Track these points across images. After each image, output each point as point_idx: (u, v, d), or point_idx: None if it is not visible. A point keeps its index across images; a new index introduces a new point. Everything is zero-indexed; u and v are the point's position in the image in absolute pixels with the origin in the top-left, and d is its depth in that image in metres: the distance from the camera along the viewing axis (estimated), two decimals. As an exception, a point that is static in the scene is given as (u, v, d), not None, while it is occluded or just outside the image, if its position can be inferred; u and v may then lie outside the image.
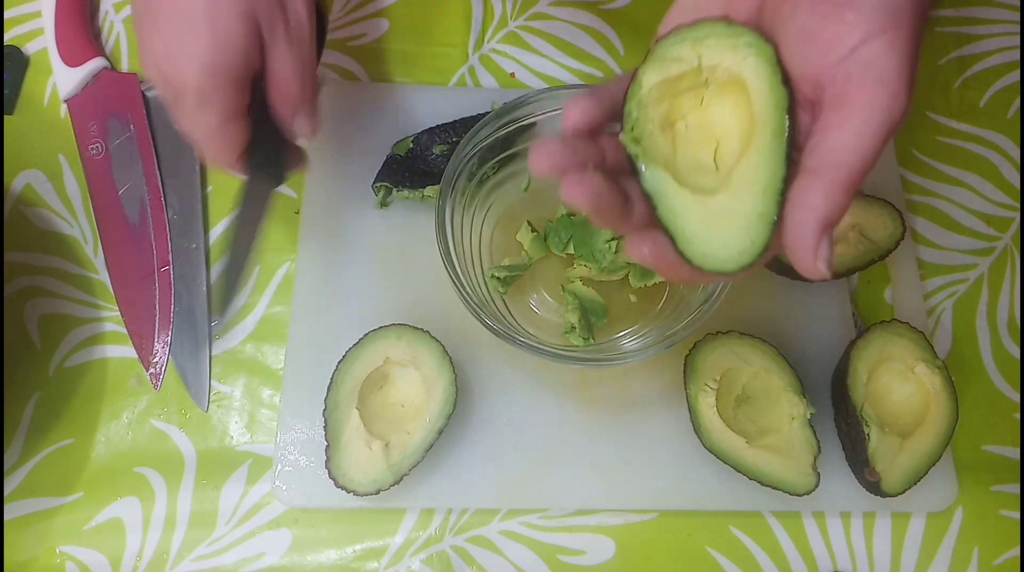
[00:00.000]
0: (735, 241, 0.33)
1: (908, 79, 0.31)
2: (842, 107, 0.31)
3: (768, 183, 0.32)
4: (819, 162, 0.31)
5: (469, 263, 0.50)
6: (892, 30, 0.31)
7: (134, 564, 0.48)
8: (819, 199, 0.31)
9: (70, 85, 0.57)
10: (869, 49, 0.31)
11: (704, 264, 0.33)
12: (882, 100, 0.31)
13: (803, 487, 0.48)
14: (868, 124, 0.31)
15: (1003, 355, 0.57)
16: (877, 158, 0.31)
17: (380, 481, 0.46)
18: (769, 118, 0.33)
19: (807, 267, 0.31)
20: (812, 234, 0.31)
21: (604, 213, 0.34)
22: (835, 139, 0.31)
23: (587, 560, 0.50)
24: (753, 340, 0.51)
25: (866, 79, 0.31)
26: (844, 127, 0.31)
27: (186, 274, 0.54)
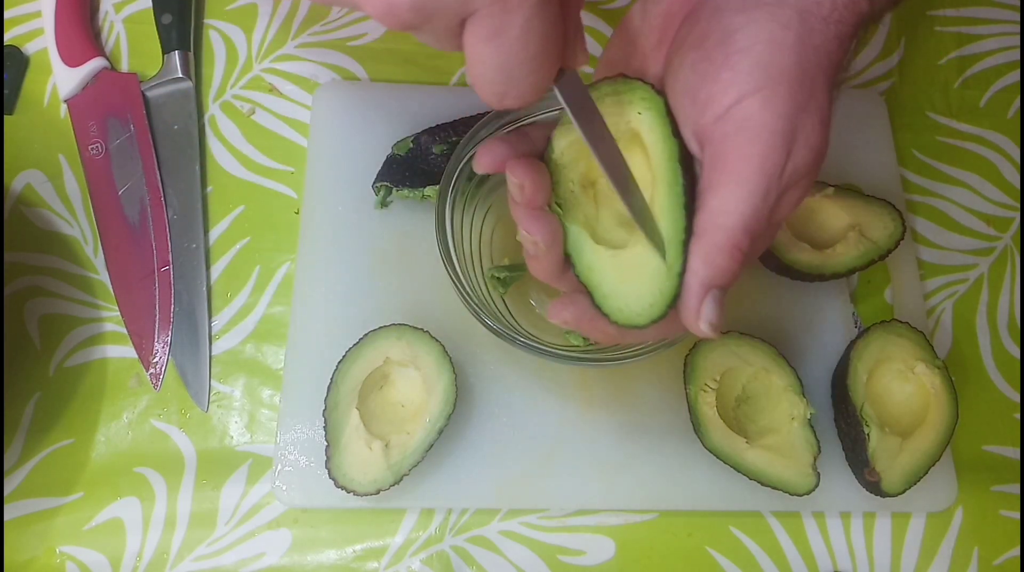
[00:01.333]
0: (645, 294, 0.33)
1: (784, 136, 0.30)
2: (718, 167, 0.31)
3: (671, 235, 0.32)
4: (700, 225, 0.31)
5: (469, 263, 0.50)
6: (768, 87, 0.30)
7: (134, 564, 0.48)
8: (699, 263, 0.31)
9: (70, 85, 0.57)
10: (743, 107, 0.30)
11: (619, 318, 0.34)
12: (755, 159, 0.30)
13: (803, 487, 0.48)
14: (743, 184, 0.30)
15: (1003, 355, 0.57)
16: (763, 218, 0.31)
17: (380, 481, 0.46)
18: (663, 170, 0.33)
19: (691, 328, 0.32)
20: (694, 296, 0.31)
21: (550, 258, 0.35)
22: (713, 201, 0.31)
23: (587, 560, 0.50)
24: (753, 340, 0.51)
25: (740, 137, 0.30)
26: (721, 188, 0.31)
27: (186, 274, 0.54)
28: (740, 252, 0.31)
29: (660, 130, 0.33)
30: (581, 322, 0.36)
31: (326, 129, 0.57)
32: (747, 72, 0.30)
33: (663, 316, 0.33)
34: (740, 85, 0.30)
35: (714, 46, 0.31)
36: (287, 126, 0.59)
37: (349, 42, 0.61)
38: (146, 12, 0.60)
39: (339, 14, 0.62)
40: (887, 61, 0.64)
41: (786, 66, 0.30)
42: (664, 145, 0.33)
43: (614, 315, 0.34)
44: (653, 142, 0.33)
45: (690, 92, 0.32)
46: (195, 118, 0.58)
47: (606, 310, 0.34)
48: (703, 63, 0.31)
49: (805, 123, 0.31)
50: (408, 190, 0.54)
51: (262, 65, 0.60)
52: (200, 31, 0.61)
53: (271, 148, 0.58)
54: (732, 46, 0.31)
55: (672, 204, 0.32)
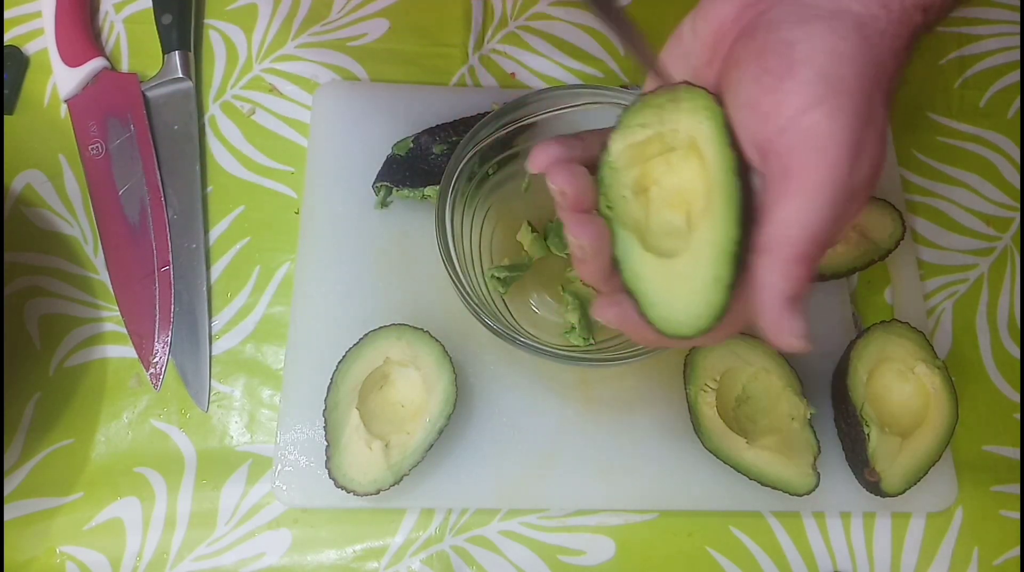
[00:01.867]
0: (693, 305, 0.33)
1: (850, 149, 0.30)
2: (784, 179, 0.31)
3: (723, 247, 0.32)
4: (768, 239, 0.31)
5: (469, 263, 0.50)
6: (832, 98, 0.30)
7: (134, 564, 0.48)
8: (775, 278, 0.31)
9: (70, 85, 0.57)
10: (809, 119, 0.30)
11: (665, 328, 0.33)
12: (822, 170, 0.30)
13: (803, 487, 0.48)
14: (811, 196, 0.30)
15: (1003, 355, 0.57)
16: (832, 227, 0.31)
17: (380, 481, 0.46)
18: (719, 181, 0.33)
19: (780, 344, 0.31)
20: (776, 312, 0.31)
21: (598, 262, 0.35)
22: (781, 214, 0.31)
23: (587, 560, 0.50)
24: (753, 340, 0.51)
25: (806, 149, 0.30)
26: (788, 201, 0.30)
27: (186, 274, 0.54)
28: (811, 261, 0.31)
29: (719, 140, 0.33)
30: (625, 324, 0.36)
31: (326, 129, 0.57)
32: (810, 83, 0.30)
33: (709, 329, 0.32)
34: (804, 95, 0.30)
35: (774, 59, 0.31)
36: (287, 126, 0.59)
37: (349, 42, 0.61)
38: (146, 12, 0.60)
39: (339, 14, 0.62)
40: (887, 61, 0.64)
41: (848, 78, 0.30)
42: (722, 156, 0.33)
43: (659, 324, 0.34)
44: (711, 153, 0.33)
45: (751, 104, 0.32)
46: (195, 118, 0.58)
47: (651, 318, 0.34)
48: (765, 76, 0.31)
49: (868, 135, 0.31)
50: (408, 190, 0.54)
51: (262, 65, 0.60)
52: (200, 31, 0.61)
53: (271, 148, 0.58)
54: (793, 57, 0.31)
55: (727, 215, 0.32)
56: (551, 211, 0.53)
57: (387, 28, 0.62)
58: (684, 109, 0.34)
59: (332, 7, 0.62)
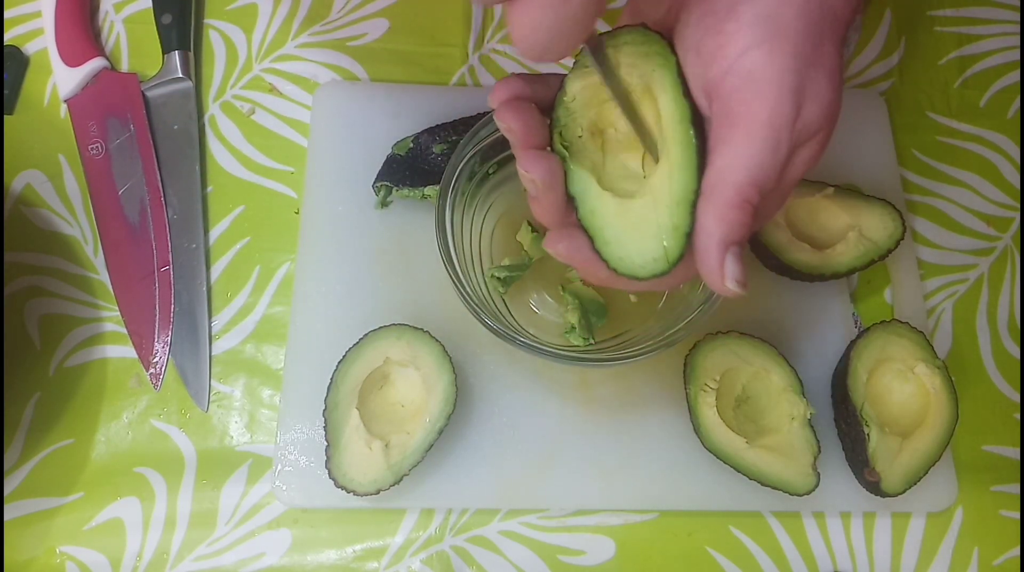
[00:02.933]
0: (649, 248, 0.33)
1: (792, 89, 0.30)
2: (725, 123, 0.31)
3: (681, 195, 0.32)
4: (708, 183, 0.31)
5: (469, 263, 0.50)
6: (773, 39, 0.30)
7: (134, 564, 0.48)
8: (712, 221, 0.31)
9: (70, 85, 0.57)
10: (748, 60, 0.30)
11: (619, 267, 0.33)
12: (762, 112, 0.30)
13: (803, 487, 0.48)
14: (751, 138, 0.30)
15: (1003, 355, 0.57)
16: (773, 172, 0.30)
17: (380, 481, 0.46)
18: (675, 131, 0.33)
19: (717, 288, 0.31)
20: (713, 256, 0.31)
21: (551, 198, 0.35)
22: (720, 159, 0.31)
23: (587, 560, 0.50)
24: (753, 340, 0.51)
25: (746, 91, 0.30)
26: (727, 145, 0.30)
27: (186, 274, 0.54)
28: (750, 205, 0.31)
29: (672, 90, 0.33)
30: (575, 258, 0.35)
31: (326, 129, 0.57)
32: (751, 24, 0.30)
33: (664, 273, 0.33)
34: (745, 37, 0.30)
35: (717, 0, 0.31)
36: (287, 126, 0.59)
37: (349, 42, 0.61)
38: (146, 12, 0.60)
39: (339, 14, 0.62)
40: (887, 61, 0.64)
41: (789, 18, 0.30)
42: (676, 106, 0.32)
43: (613, 262, 0.34)
44: (665, 102, 0.33)
45: (695, 46, 0.32)
46: (195, 118, 0.58)
47: (606, 256, 0.34)
48: (708, 16, 0.31)
49: (814, 77, 0.30)
50: (408, 190, 0.54)
51: (262, 65, 0.60)
52: (200, 31, 0.61)
53: (271, 148, 0.58)
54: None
55: (684, 165, 0.32)
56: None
57: (387, 28, 0.62)
58: (640, 52, 0.34)
59: (332, 7, 0.62)
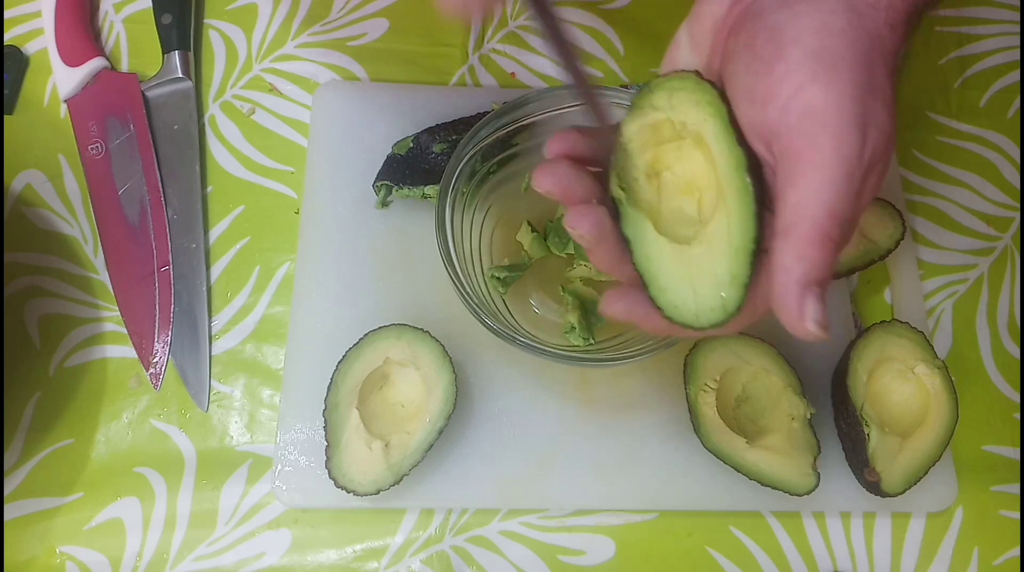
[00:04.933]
0: (707, 298, 0.32)
1: (854, 118, 0.29)
2: (792, 161, 0.30)
3: (740, 244, 0.32)
4: (784, 222, 0.30)
5: (469, 263, 0.50)
6: (826, 72, 0.30)
7: (134, 564, 0.48)
8: (792, 260, 0.30)
9: (70, 85, 0.57)
10: (806, 96, 0.30)
11: (674, 315, 0.33)
12: (829, 144, 0.29)
13: (803, 487, 0.48)
14: (822, 173, 0.29)
15: (1003, 355, 0.57)
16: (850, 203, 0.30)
17: (380, 481, 0.46)
18: (731, 178, 0.32)
19: (796, 330, 0.30)
20: (793, 297, 0.30)
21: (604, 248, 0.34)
22: (794, 196, 0.30)
23: (587, 560, 0.50)
24: (753, 340, 0.51)
25: (808, 126, 0.30)
26: (799, 182, 0.30)
27: (186, 274, 0.54)
28: (832, 242, 0.30)
29: (725, 138, 0.32)
30: (634, 314, 0.35)
31: (326, 129, 0.57)
32: (801, 61, 0.30)
33: (722, 323, 0.32)
34: (797, 74, 0.30)
35: (763, 44, 0.31)
36: (287, 126, 0.59)
37: (349, 42, 0.61)
38: (146, 12, 0.60)
39: (339, 14, 0.62)
40: (887, 61, 0.64)
41: (841, 50, 0.30)
42: (730, 153, 0.32)
43: (668, 310, 0.33)
44: (719, 151, 0.33)
45: (747, 94, 0.31)
46: (195, 118, 0.58)
47: (661, 304, 0.33)
48: (755, 63, 0.31)
49: (872, 106, 0.30)
50: (408, 189, 0.54)
51: (262, 65, 0.60)
52: (200, 31, 0.61)
53: (271, 148, 0.58)
54: (781, 39, 0.30)
55: (742, 213, 0.32)
56: (551, 211, 0.53)
57: (387, 28, 0.62)
58: (691, 101, 0.34)
59: (332, 7, 0.62)
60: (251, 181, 0.57)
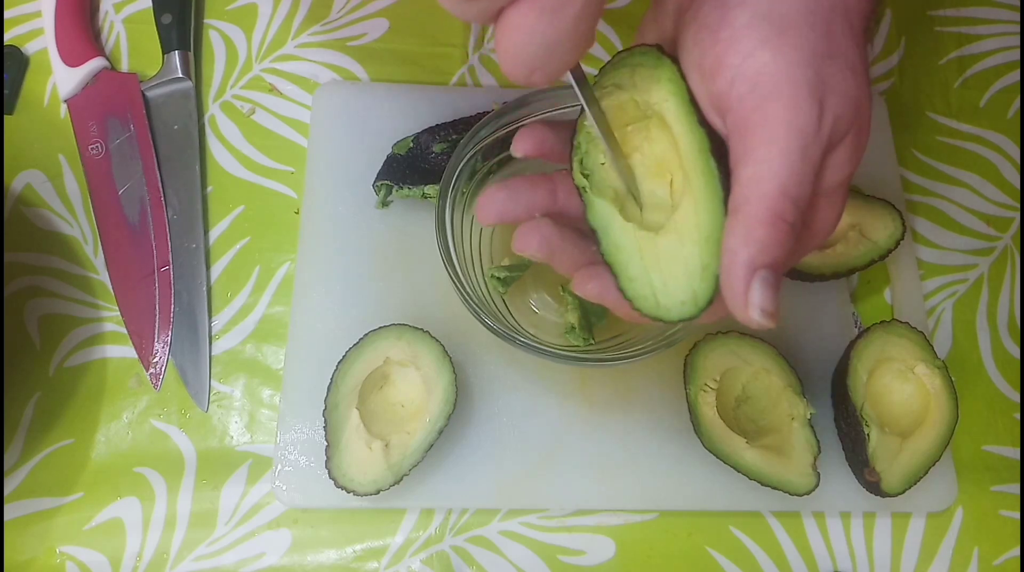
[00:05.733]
0: (678, 290, 0.30)
1: (808, 85, 0.27)
2: (743, 135, 0.28)
3: (708, 232, 0.29)
4: (735, 201, 0.28)
5: (469, 263, 0.50)
6: (776, 37, 0.27)
7: (134, 564, 0.48)
8: (738, 242, 0.27)
9: (70, 85, 0.57)
10: (752, 64, 0.27)
11: (643, 307, 0.31)
12: (779, 116, 0.27)
13: (803, 487, 0.48)
14: (772, 147, 0.27)
15: (1003, 355, 0.57)
16: (805, 180, 0.27)
17: (380, 481, 0.46)
18: (695, 161, 0.30)
19: (742, 318, 0.28)
20: (739, 281, 0.27)
21: (561, 258, 0.33)
22: (745, 172, 0.28)
23: (587, 560, 0.50)
24: (753, 340, 0.51)
25: (756, 98, 0.27)
26: (750, 157, 0.28)
27: (186, 274, 0.54)
28: (784, 222, 0.27)
29: (686, 119, 0.30)
30: (607, 297, 0.33)
31: (326, 129, 0.57)
32: (748, 25, 0.28)
33: (693, 317, 0.30)
34: (744, 40, 0.28)
35: (709, 11, 0.29)
36: (287, 126, 0.59)
37: (349, 42, 0.61)
38: (146, 12, 0.60)
39: (339, 14, 0.62)
40: (887, 61, 0.64)
41: (792, 13, 0.28)
42: (692, 135, 0.30)
43: (638, 302, 0.31)
44: (681, 133, 0.31)
45: (697, 67, 0.29)
46: (195, 118, 0.58)
47: (630, 296, 0.31)
48: (702, 32, 0.29)
49: (831, 71, 0.28)
50: (408, 189, 0.54)
51: (262, 65, 0.60)
52: (200, 31, 0.61)
53: (271, 148, 0.58)
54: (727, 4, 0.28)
55: (709, 198, 0.29)
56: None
57: (387, 28, 0.62)
58: (652, 77, 0.31)
59: (332, 7, 0.62)
60: (251, 181, 0.57)
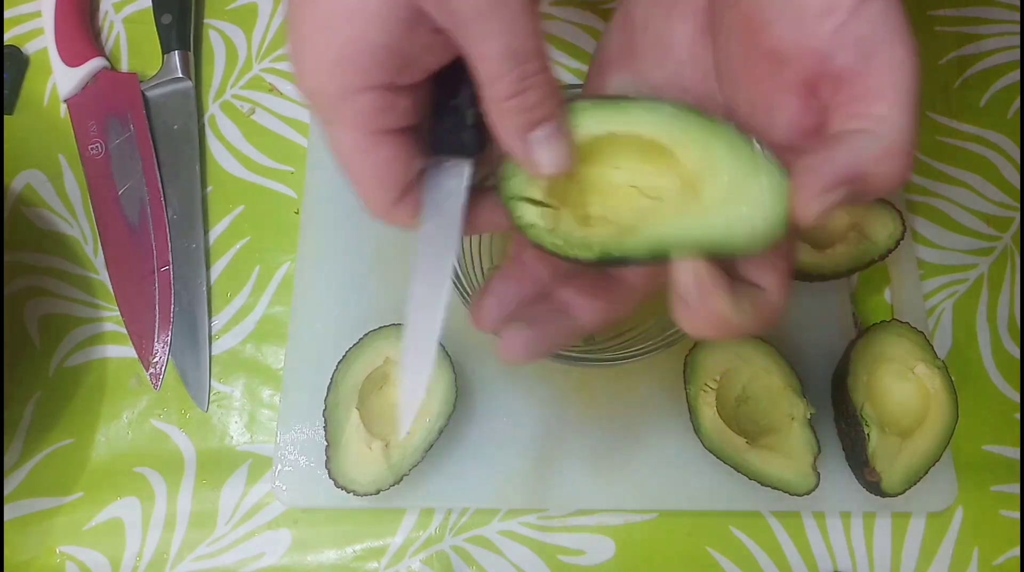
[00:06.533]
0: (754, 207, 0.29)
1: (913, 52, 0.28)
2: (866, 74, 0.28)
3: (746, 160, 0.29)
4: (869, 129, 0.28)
5: (469, 263, 0.50)
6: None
7: (134, 564, 0.48)
8: (866, 155, 0.27)
9: (70, 85, 0.57)
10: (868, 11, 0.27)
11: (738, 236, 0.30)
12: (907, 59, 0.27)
13: (803, 487, 0.48)
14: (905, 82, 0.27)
15: (1003, 355, 0.57)
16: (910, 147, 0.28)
17: (380, 481, 0.46)
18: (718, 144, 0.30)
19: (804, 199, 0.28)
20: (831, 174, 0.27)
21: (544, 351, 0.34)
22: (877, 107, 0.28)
23: (587, 560, 0.50)
24: (753, 340, 0.51)
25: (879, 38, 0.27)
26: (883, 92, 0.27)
27: (186, 274, 0.54)
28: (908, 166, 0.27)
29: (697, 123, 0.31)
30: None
31: (326, 129, 0.57)
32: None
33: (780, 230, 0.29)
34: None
35: None
36: (287, 126, 0.59)
37: (349, 42, 0.61)
38: (146, 12, 0.60)
39: (339, 14, 0.62)
40: (887, 61, 0.64)
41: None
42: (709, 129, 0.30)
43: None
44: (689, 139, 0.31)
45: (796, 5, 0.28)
46: (195, 118, 0.58)
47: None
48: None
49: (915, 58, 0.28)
50: (408, 190, 0.53)
51: (262, 65, 0.60)
52: (200, 31, 0.61)
53: (271, 148, 0.58)
54: None
55: (729, 141, 0.30)
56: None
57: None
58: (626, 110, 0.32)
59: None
60: (251, 181, 0.57)
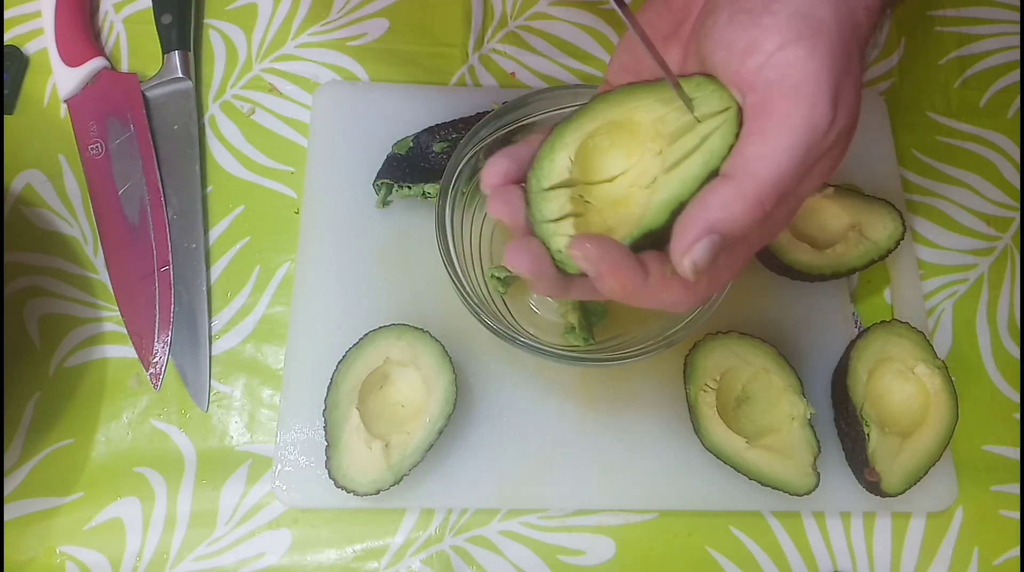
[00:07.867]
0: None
1: (830, 90, 0.29)
2: (760, 116, 0.30)
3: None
4: (731, 167, 0.30)
5: (469, 263, 0.50)
6: (811, 37, 0.30)
7: (134, 564, 0.48)
8: (717, 203, 0.30)
9: (70, 85, 0.57)
10: (786, 55, 0.29)
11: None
12: (800, 108, 0.29)
13: (803, 487, 0.48)
14: (787, 134, 0.29)
15: (1003, 355, 0.57)
16: (794, 175, 0.30)
17: (380, 481, 0.46)
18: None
19: (675, 260, 0.30)
20: (692, 232, 0.30)
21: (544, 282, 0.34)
22: (750, 148, 0.30)
23: (587, 560, 0.50)
24: (753, 340, 0.51)
25: (784, 85, 0.29)
26: (760, 138, 0.30)
27: (186, 274, 0.54)
28: (762, 209, 0.29)
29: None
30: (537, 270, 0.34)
31: (326, 129, 0.57)
32: (788, 19, 0.30)
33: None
34: (783, 31, 0.30)
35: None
36: (287, 126, 0.59)
37: (349, 42, 0.61)
38: (146, 12, 0.60)
39: (339, 14, 0.62)
40: (887, 61, 0.64)
41: (826, 19, 0.30)
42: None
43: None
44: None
45: (727, 43, 0.31)
46: (195, 118, 0.58)
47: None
48: (741, 15, 0.31)
49: (846, 84, 0.30)
50: (409, 187, 0.54)
51: (262, 65, 0.60)
52: (200, 31, 0.61)
53: (271, 148, 0.58)
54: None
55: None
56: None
57: (387, 28, 0.62)
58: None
59: (332, 7, 0.62)
60: (251, 181, 0.57)
